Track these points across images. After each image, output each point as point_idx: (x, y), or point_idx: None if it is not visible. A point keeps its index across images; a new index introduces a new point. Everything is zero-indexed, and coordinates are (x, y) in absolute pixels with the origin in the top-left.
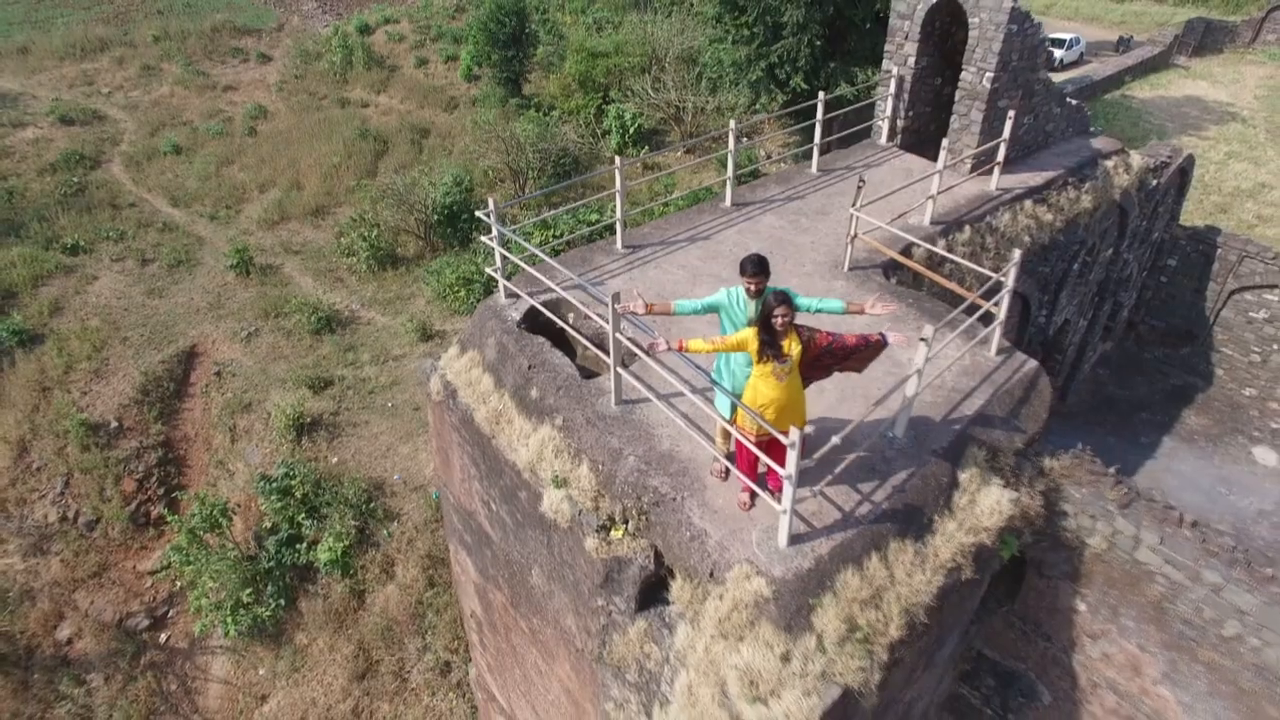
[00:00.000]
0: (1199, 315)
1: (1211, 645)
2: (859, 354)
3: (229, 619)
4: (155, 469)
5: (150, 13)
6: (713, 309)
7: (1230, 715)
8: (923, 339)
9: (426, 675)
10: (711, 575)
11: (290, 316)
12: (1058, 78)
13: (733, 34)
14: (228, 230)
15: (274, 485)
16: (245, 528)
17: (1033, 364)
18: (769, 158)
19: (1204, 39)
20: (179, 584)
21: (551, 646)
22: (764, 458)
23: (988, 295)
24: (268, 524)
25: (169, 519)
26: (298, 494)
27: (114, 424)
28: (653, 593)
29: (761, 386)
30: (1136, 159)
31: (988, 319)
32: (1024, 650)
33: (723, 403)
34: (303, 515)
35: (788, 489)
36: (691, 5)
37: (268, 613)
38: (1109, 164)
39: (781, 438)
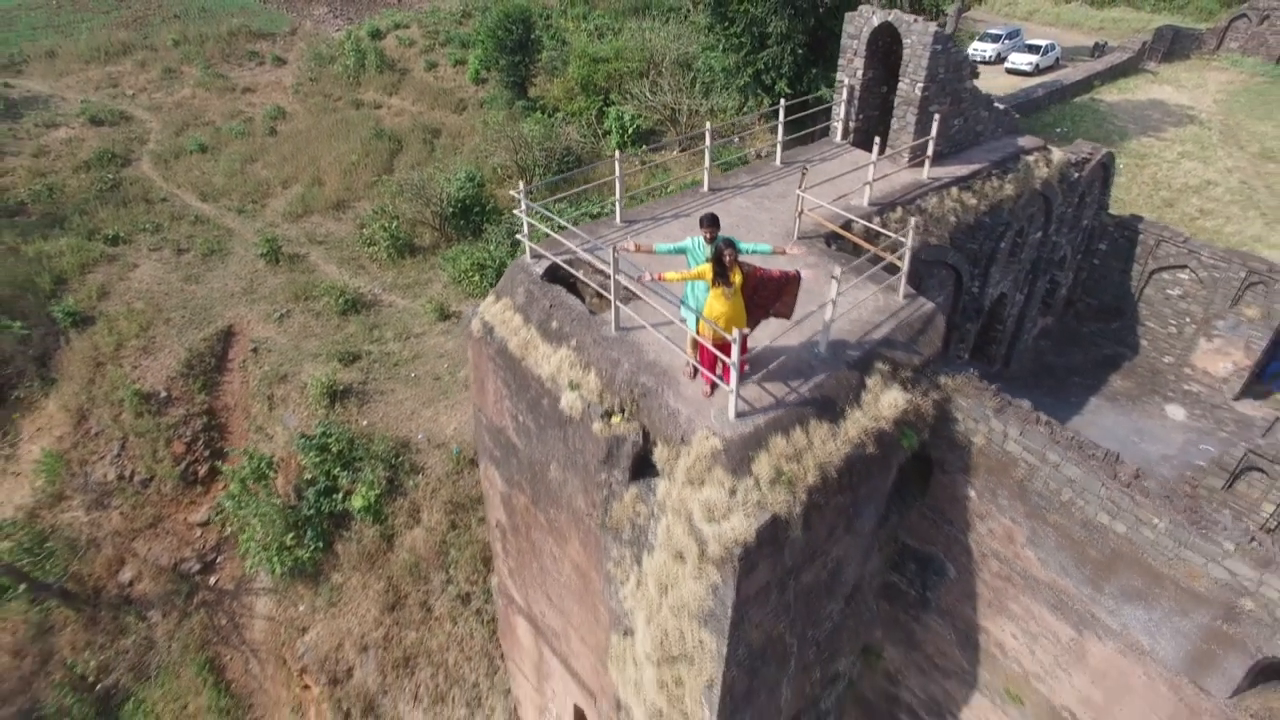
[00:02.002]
0: (1126, 293)
1: (1055, 510)
2: (785, 290)
3: (274, 559)
4: (201, 433)
5: (167, 17)
6: (681, 251)
7: (1069, 561)
8: (834, 277)
9: (449, 605)
10: (682, 440)
11: (319, 299)
12: (1031, 82)
13: (723, 42)
14: (254, 223)
15: (313, 443)
16: (285, 482)
17: (930, 306)
18: (758, 155)
19: (1173, 45)
20: (226, 532)
21: (565, 530)
22: (719, 354)
23: (894, 253)
24: (307, 477)
25: (221, 470)
26: (334, 450)
27: (163, 394)
28: (641, 467)
29: (715, 304)
30: (1057, 154)
31: (900, 273)
32: (934, 536)
33: (689, 319)
34: (338, 469)
35: (734, 373)
36: (687, 14)
37: (307, 555)
38: (1031, 158)
39: (728, 336)
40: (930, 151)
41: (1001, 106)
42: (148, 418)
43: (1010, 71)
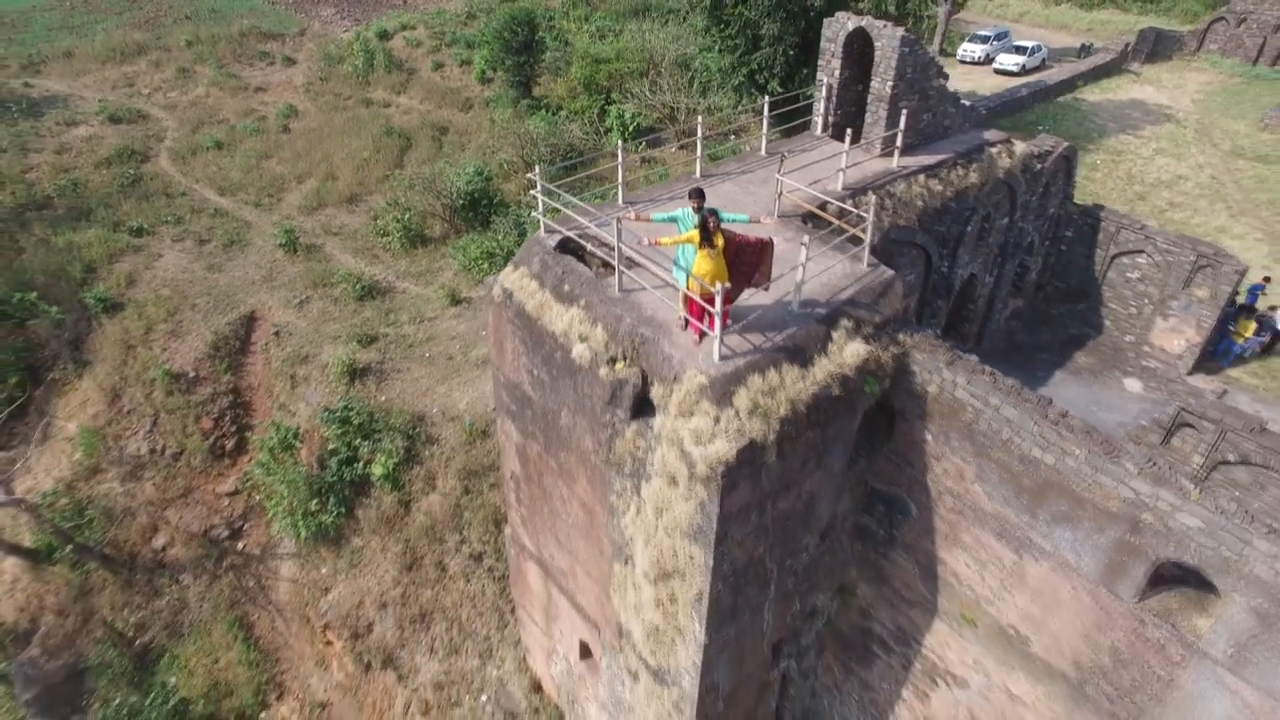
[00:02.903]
0: (1090, 277)
1: (997, 448)
2: (762, 255)
3: (300, 523)
4: (227, 410)
5: (179, 18)
6: (673, 220)
7: (1009, 493)
8: (803, 243)
9: (463, 564)
10: (675, 379)
11: (336, 286)
12: (1016, 82)
13: (719, 44)
14: (271, 216)
15: (335, 416)
16: (309, 453)
17: (890, 273)
18: (748, 146)
19: (1155, 46)
20: (253, 501)
21: (573, 471)
22: (706, 306)
23: (858, 227)
24: (330, 447)
25: (248, 443)
26: (355, 423)
27: (191, 374)
28: (640, 408)
29: (702, 263)
30: (1020, 146)
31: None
32: (898, 478)
33: (681, 277)
34: (359, 440)
35: (717, 320)
36: (685, 16)
37: (330, 519)
38: (994, 150)
39: (713, 289)
40: (899, 143)
41: (968, 103)
42: (177, 396)
43: (998, 72)
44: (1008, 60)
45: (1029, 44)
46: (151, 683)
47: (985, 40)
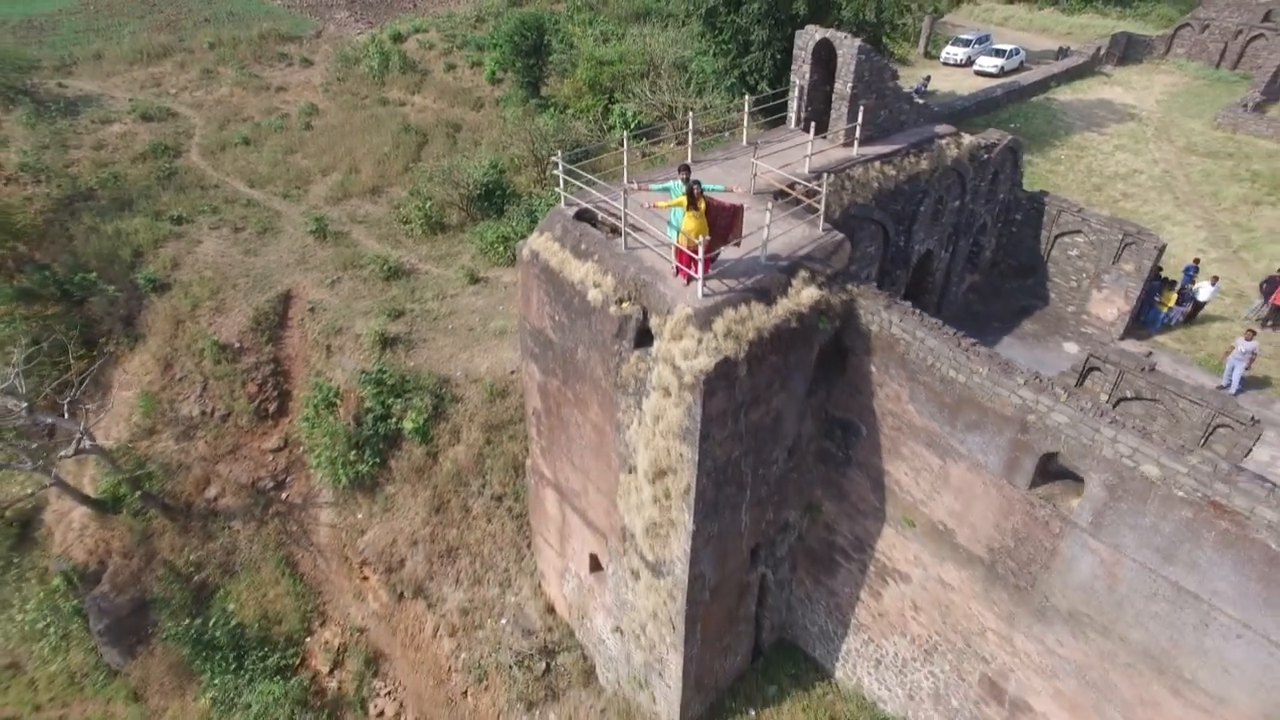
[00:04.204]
0: (1037, 255)
1: (924, 373)
2: (735, 216)
3: (340, 472)
4: (269, 377)
5: (198, 21)
6: (666, 189)
7: (934, 409)
8: (767, 209)
9: (485, 506)
10: (668, 312)
11: (364, 268)
12: (992, 83)
13: (713, 48)
14: (299, 206)
15: (370, 378)
16: (347, 411)
17: (840, 236)
18: (735, 141)
19: (1127, 50)
20: (294, 457)
21: (587, 398)
22: (692, 255)
23: (814, 199)
24: (366, 406)
25: (293, 401)
26: (387, 384)
27: (236, 345)
28: (641, 339)
29: (689, 222)
30: (967, 139)
31: (818, 213)
32: (851, 405)
33: (672, 234)
34: (392, 399)
35: (700, 266)
36: (684, 22)
37: (366, 469)
38: (943, 142)
39: (697, 241)
40: (858, 135)
41: (921, 101)
42: (224, 364)
43: (978, 73)
44: (987, 62)
45: (1008, 47)
46: (210, 610)
47: (967, 44)
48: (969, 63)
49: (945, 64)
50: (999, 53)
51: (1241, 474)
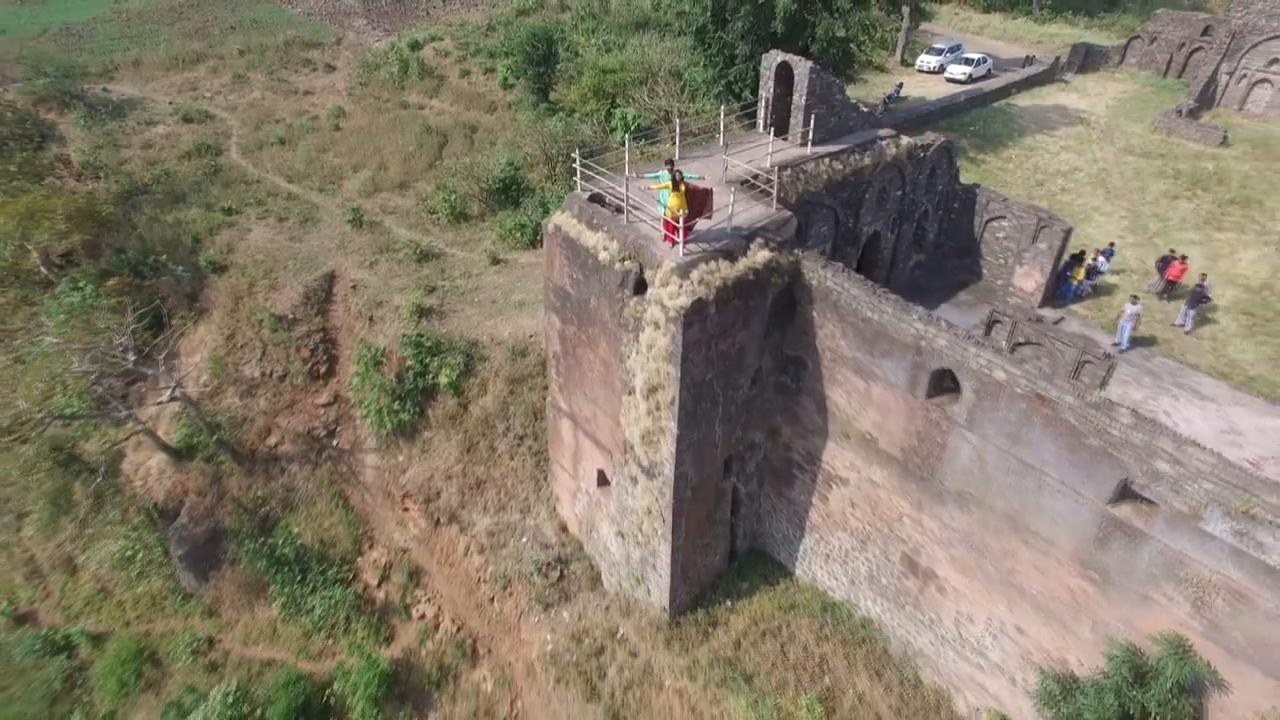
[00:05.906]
0: (973, 238)
1: (851, 315)
2: (707, 197)
3: (385, 419)
4: (319, 344)
5: (225, 29)
6: (656, 177)
7: (859, 342)
8: (731, 193)
9: (509, 446)
10: (658, 266)
11: (398, 251)
12: (959, 89)
13: (703, 60)
14: (334, 199)
15: (411, 340)
16: (390, 369)
17: (789, 214)
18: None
19: (1087, 59)
20: (343, 411)
21: (596, 339)
22: (676, 224)
23: (770, 185)
24: (407, 364)
25: (341, 363)
26: (425, 346)
27: (290, 316)
28: (638, 288)
29: (672, 201)
30: (905, 140)
31: (772, 195)
32: (800, 344)
33: (661, 210)
34: (429, 358)
35: (681, 235)
36: (679, 32)
37: (407, 417)
38: (884, 143)
39: (679, 215)
40: (811, 137)
41: (866, 109)
42: (280, 333)
43: (949, 80)
44: (957, 70)
45: (976, 56)
46: (276, 534)
47: (940, 52)
48: (941, 70)
49: (920, 71)
50: (968, 61)
51: (1055, 376)
